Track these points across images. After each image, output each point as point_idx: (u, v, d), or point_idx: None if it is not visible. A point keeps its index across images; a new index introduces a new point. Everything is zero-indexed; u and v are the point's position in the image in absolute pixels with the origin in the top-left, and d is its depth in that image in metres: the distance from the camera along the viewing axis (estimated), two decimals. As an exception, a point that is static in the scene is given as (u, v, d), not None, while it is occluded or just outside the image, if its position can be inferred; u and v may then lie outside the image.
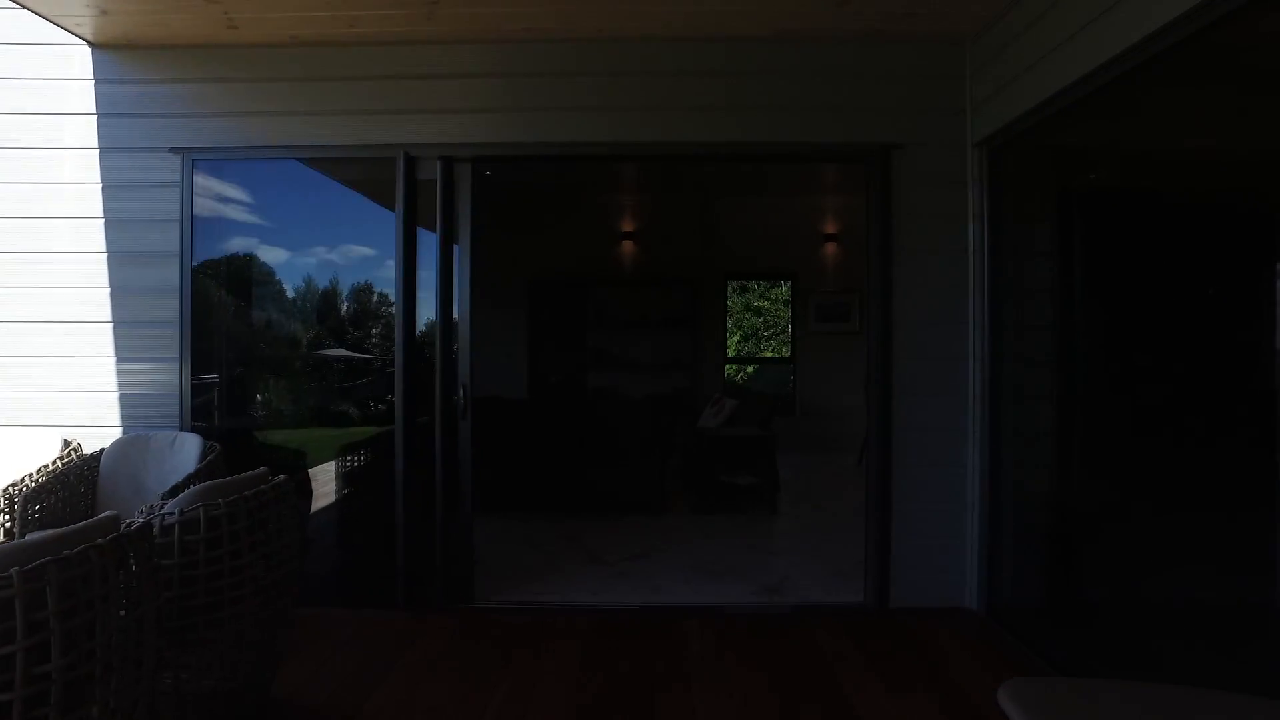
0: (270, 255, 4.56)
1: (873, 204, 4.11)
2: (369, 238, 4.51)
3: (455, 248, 4.15)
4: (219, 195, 4.19)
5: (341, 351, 5.97)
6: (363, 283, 4.89)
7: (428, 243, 4.14)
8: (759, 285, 14.58)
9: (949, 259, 4.05)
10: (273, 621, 2.69)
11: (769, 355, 14.20)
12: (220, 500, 2.42)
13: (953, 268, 4.05)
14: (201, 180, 4.08)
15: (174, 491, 3.27)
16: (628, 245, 10.03)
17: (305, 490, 5.43)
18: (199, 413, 4.46)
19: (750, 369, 13.92)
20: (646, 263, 10.03)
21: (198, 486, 2.50)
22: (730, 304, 14.08)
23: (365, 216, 4.52)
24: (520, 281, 10.03)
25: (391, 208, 4.03)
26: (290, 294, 4.72)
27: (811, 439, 9.94)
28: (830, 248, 10.03)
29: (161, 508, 2.38)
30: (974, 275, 4.00)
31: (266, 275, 4.65)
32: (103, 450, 3.77)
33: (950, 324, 4.05)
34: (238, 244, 4.42)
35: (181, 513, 2.35)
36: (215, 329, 4.53)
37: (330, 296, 4.80)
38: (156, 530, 2.28)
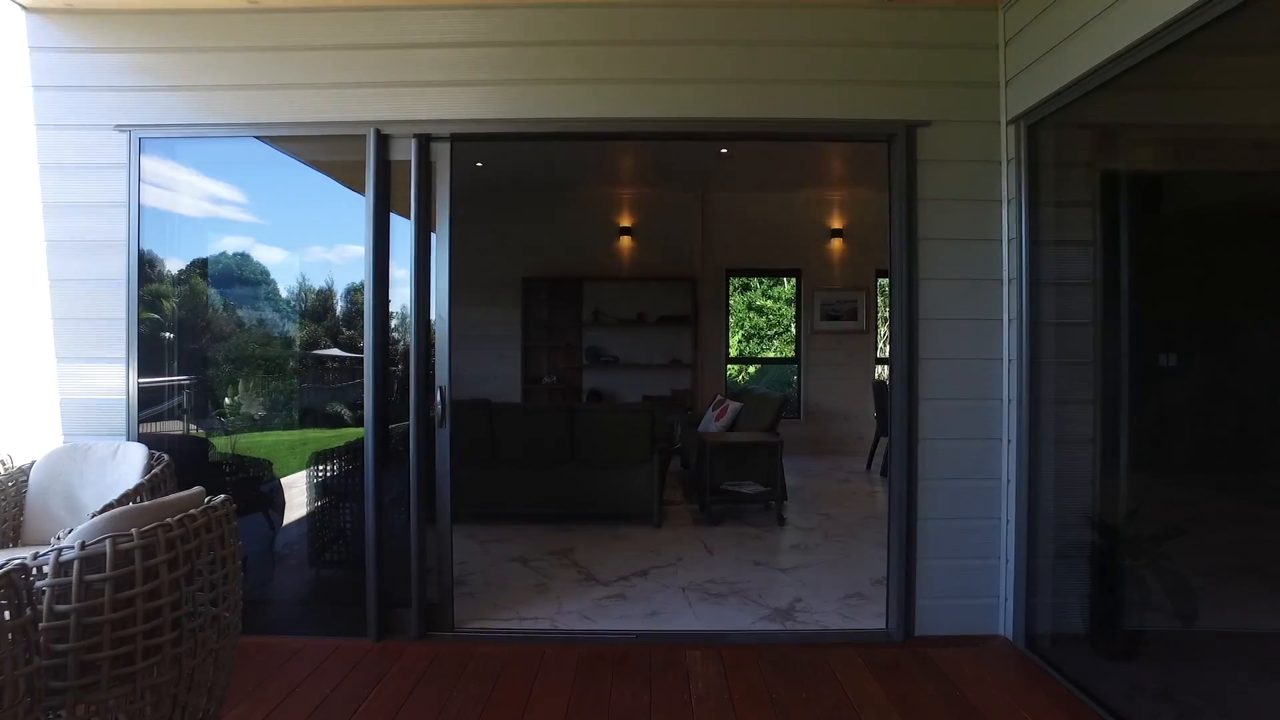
0: (232, 246, 4.16)
1: (896, 188, 3.72)
2: (342, 226, 4.10)
3: (433, 236, 3.74)
4: (171, 180, 3.79)
5: (335, 351, 5.58)
6: (335, 277, 4.50)
7: (405, 232, 3.74)
8: (761, 283, 14.19)
9: (980, 248, 3.66)
10: (205, 669, 2.29)
11: (770, 355, 13.79)
12: (134, 530, 2.02)
13: (985, 258, 3.65)
14: (152, 163, 3.67)
15: (106, 510, 2.87)
16: (625, 240, 9.63)
17: (277, 502, 5.03)
18: (164, 419, 4.08)
19: (753, 369, 13.53)
20: (645, 259, 9.64)
21: (110, 513, 2.09)
22: (731, 303, 13.72)
23: (337, 202, 4.12)
24: (513, 278, 9.63)
25: (363, 192, 3.63)
26: (259, 288, 4.32)
27: (817, 442, 9.55)
28: (836, 244, 9.64)
29: (60, 540, 1.98)
30: (1008, 266, 3.60)
31: (232, 270, 4.25)
32: (33, 462, 3.36)
33: (982, 320, 3.65)
34: (193, 234, 4.02)
35: (83, 546, 1.94)
36: (181, 327, 4.14)
37: (306, 292, 4.40)
38: (49, 569, 1.88)
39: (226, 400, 5.53)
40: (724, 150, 7.65)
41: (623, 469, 5.78)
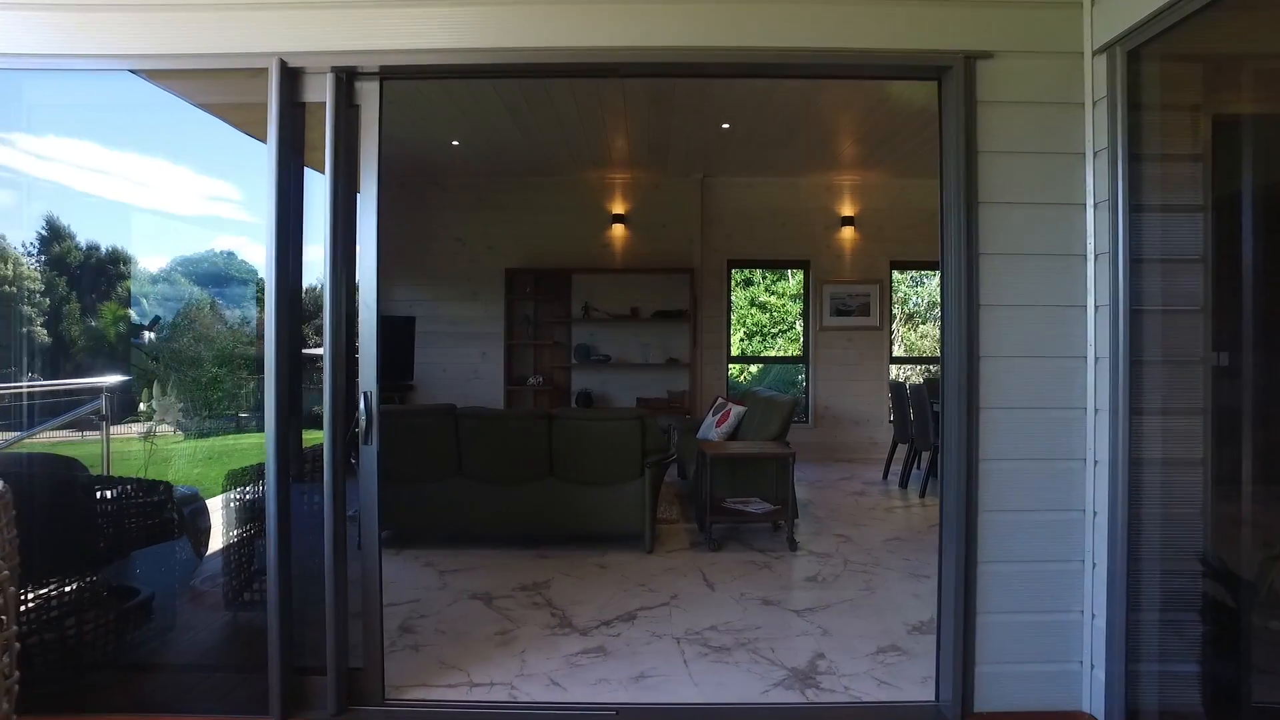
0: (107, 219, 3.35)
1: (949, 138, 2.90)
2: (244, 183, 3.28)
3: (358, 201, 2.93)
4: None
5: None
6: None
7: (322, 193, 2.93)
8: (765, 277, 13.40)
9: (1057, 215, 2.84)
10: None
11: (774, 354, 12.97)
12: None
13: (1062, 227, 2.84)
14: None
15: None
16: (618, 229, 8.82)
17: (197, 527, 4.23)
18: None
19: (755, 369, 12.73)
20: (639, 249, 8.83)
21: None
22: (733, 298, 12.93)
23: (240, 151, 3.29)
24: (495, 270, 8.82)
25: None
26: (148, 268, 3.52)
27: (827, 449, 8.75)
28: (847, 232, 8.83)
29: None
30: (1094, 237, 2.79)
31: (111, 256, 3.45)
32: None
33: (1058, 307, 2.84)
34: (50, 199, 3.21)
35: None
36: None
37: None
38: None
39: (141, 406, 4.72)
40: (726, 125, 6.84)
41: (609, 485, 4.97)
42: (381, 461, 2.92)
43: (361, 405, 2.85)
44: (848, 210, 8.80)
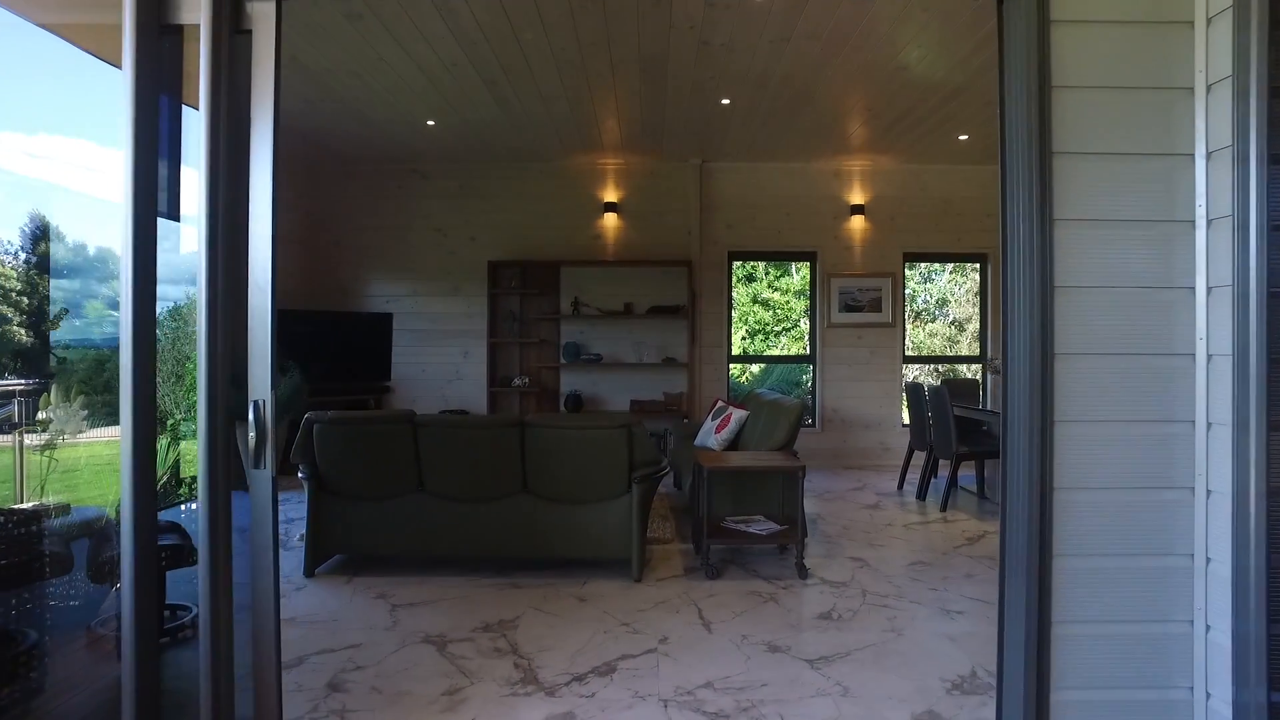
0: None
1: (1012, 69, 2.22)
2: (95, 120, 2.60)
3: (254, 148, 2.25)
4: None
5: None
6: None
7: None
8: (767, 272, 12.74)
9: (1156, 169, 2.17)
10: None
11: (776, 353, 12.29)
12: None
13: (1164, 184, 2.16)
14: None
15: None
16: (610, 219, 8.15)
17: (100, 557, 3.56)
18: None
19: (757, 369, 12.07)
20: (633, 239, 8.15)
21: None
22: (733, 295, 12.28)
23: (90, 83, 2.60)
24: (478, 262, 8.15)
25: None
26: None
27: (836, 454, 8.07)
28: (857, 222, 8.15)
29: None
30: (1209, 197, 2.11)
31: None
32: None
33: (1159, 289, 2.17)
34: None
35: None
36: None
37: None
38: None
39: (40, 414, 4.05)
40: (726, 101, 6.16)
41: (591, 504, 4.30)
42: (276, 489, 2.24)
43: (251, 417, 2.18)
44: (858, 198, 8.11)
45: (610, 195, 8.12)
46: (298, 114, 6.42)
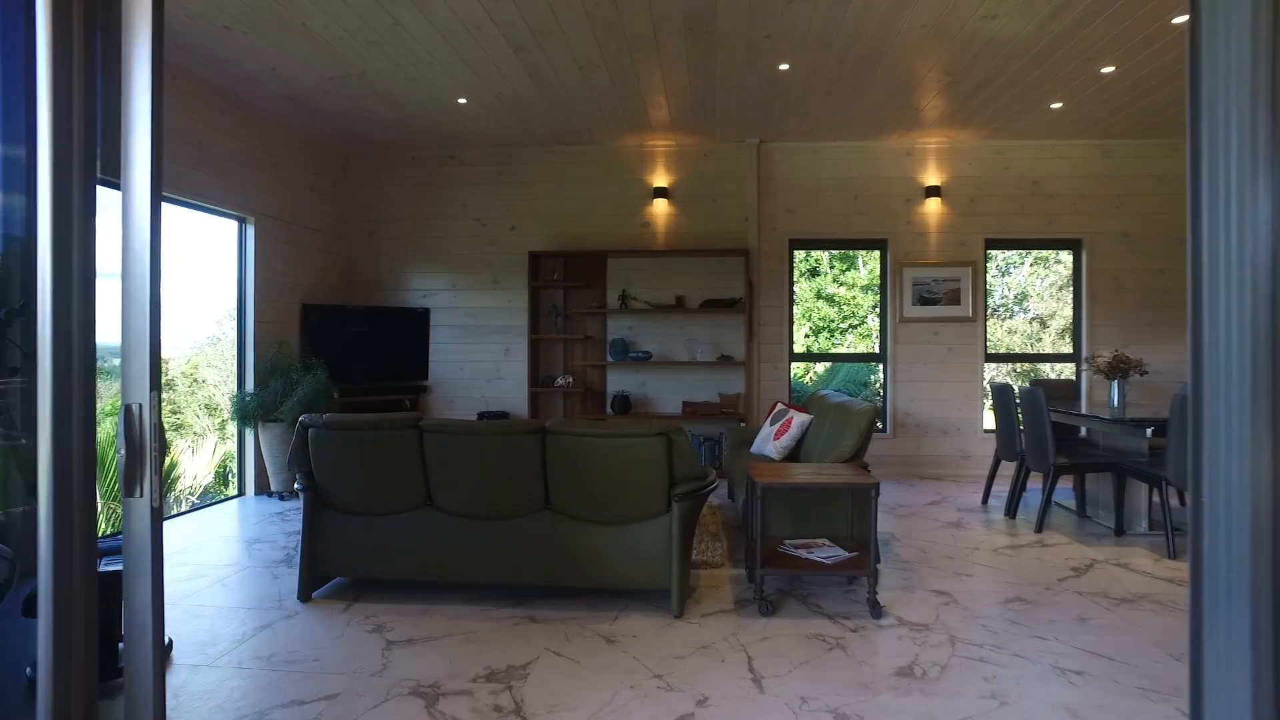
0: None
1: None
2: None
3: (132, 63, 1.66)
4: None
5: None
6: None
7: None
8: (832, 266, 11.90)
9: None
10: None
11: (837, 350, 11.43)
12: None
13: None
14: None
15: None
16: (661, 205, 7.48)
17: None
18: None
19: (821, 369, 11.25)
20: (686, 227, 7.47)
21: None
22: (796, 290, 11.50)
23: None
24: (518, 254, 7.58)
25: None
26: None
27: (909, 463, 7.24)
28: (932, 205, 7.29)
29: None
30: None
31: None
32: None
33: None
34: None
35: None
36: None
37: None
38: None
39: None
40: (784, 66, 5.42)
41: (623, 525, 3.64)
42: (159, 526, 1.64)
43: (121, 428, 1.58)
44: (933, 179, 7.26)
45: (660, 180, 7.45)
46: (321, 96, 5.93)
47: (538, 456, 3.63)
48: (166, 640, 3.22)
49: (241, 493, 6.26)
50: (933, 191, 7.23)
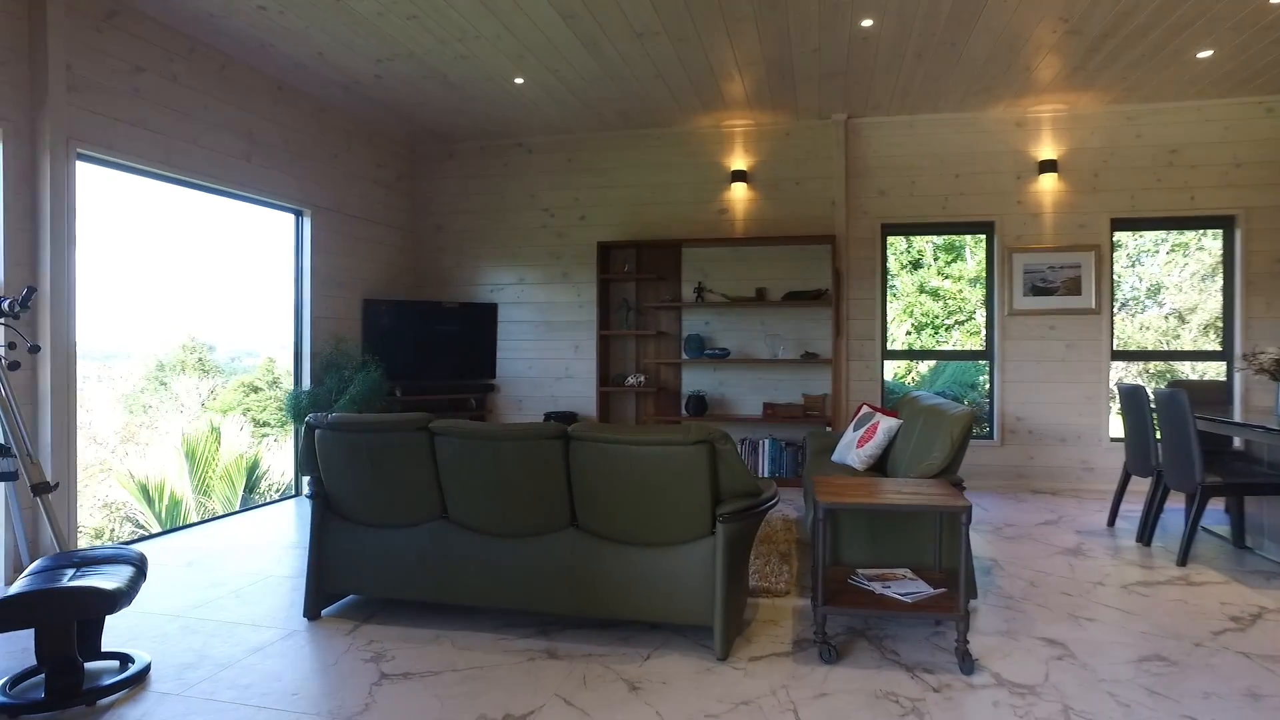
0: None
1: None
2: None
3: None
4: None
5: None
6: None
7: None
8: (938, 257, 10.90)
9: None
10: None
11: (949, 348, 10.40)
12: None
13: None
14: None
15: None
16: (739, 189, 6.85)
17: None
18: None
19: (926, 368, 10.28)
20: (766, 213, 6.81)
21: None
22: (898, 283, 10.58)
23: None
24: (589, 245, 7.11)
25: None
26: None
27: (1019, 474, 6.34)
28: (1048, 182, 6.37)
29: None
30: None
31: None
32: None
33: None
34: None
35: None
36: None
37: None
38: None
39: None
40: (868, 22, 4.70)
41: (660, 547, 3.06)
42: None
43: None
44: (1048, 152, 6.30)
45: (739, 162, 6.80)
46: (373, 82, 5.62)
47: (561, 466, 3.10)
48: (144, 663, 2.88)
49: (297, 493, 6.04)
50: (1048, 166, 6.27)
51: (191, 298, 5.67)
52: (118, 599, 2.60)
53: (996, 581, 3.86)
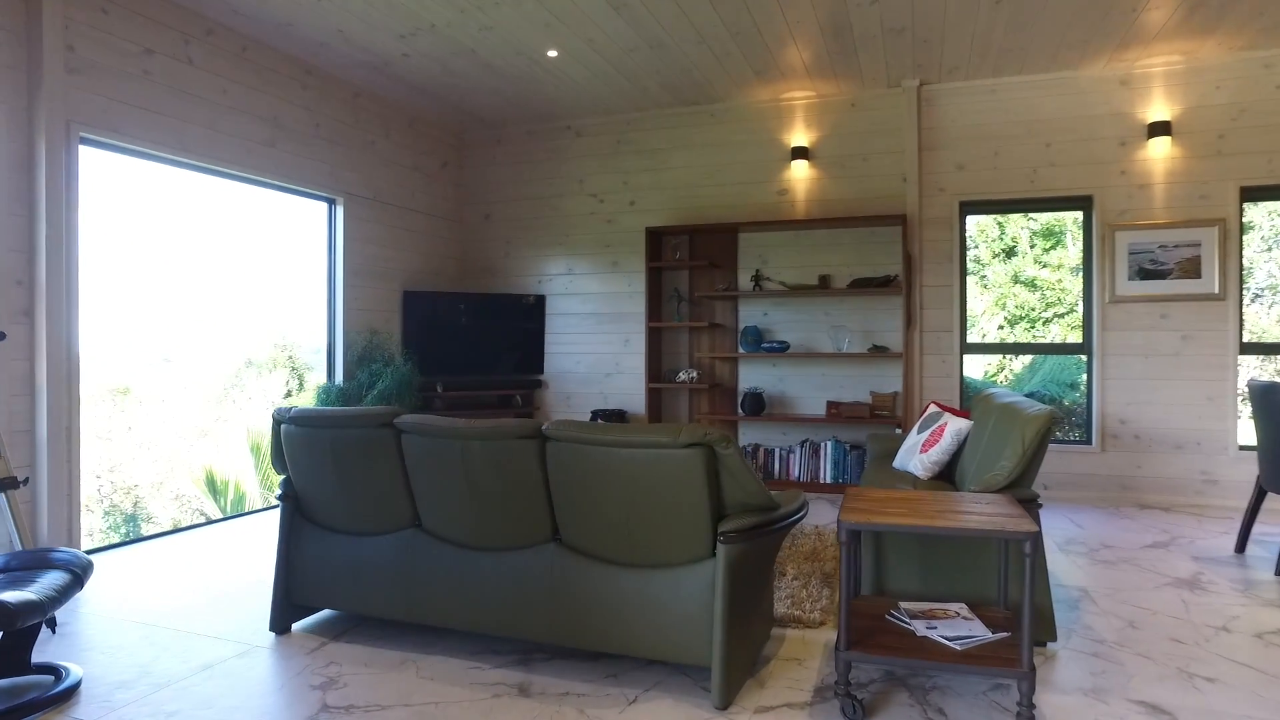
0: None
1: None
2: None
3: None
4: None
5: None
6: None
7: None
8: (1034, 244, 9.89)
9: None
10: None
11: (1040, 342, 9.34)
12: None
13: None
14: None
15: None
16: (800, 168, 6.21)
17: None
18: None
19: (1020, 364, 9.27)
20: (830, 193, 6.14)
21: None
22: (989, 273, 9.63)
23: None
24: (639, 231, 6.61)
25: None
26: None
27: (1124, 486, 5.45)
28: (1158, 147, 5.44)
29: None
30: None
31: None
32: None
33: None
34: None
35: None
36: None
37: None
38: None
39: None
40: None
41: (651, 569, 2.53)
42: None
43: None
44: (1160, 112, 5.37)
45: (799, 138, 6.15)
46: (400, 60, 5.28)
47: (538, 470, 2.60)
48: (74, 678, 2.56)
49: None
50: (1159, 129, 5.34)
51: (227, 290, 5.48)
52: (17, 615, 2.27)
53: (1085, 619, 3.13)
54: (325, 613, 3.22)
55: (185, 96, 4.49)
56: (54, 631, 3.01)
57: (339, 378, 5.59)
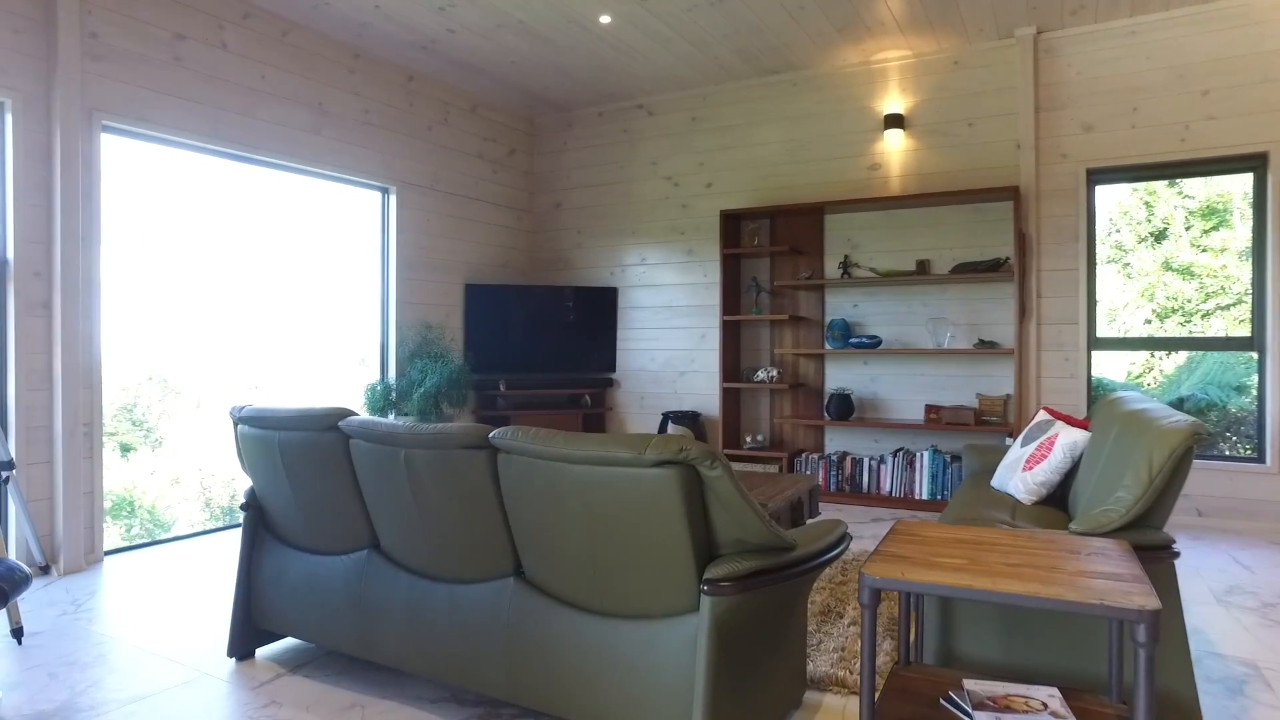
0: None
1: None
2: None
3: None
4: None
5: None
6: None
7: None
8: (1189, 224, 8.44)
9: None
10: None
11: (1200, 336, 7.90)
12: None
13: None
14: None
15: None
16: (894, 139, 5.37)
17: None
18: None
19: (1175, 366, 7.89)
20: (929, 165, 5.28)
21: None
22: (1133, 258, 8.29)
23: None
24: (714, 216, 5.98)
25: None
26: None
27: (1305, 516, 4.30)
28: (1360, 91, 4.24)
29: None
30: None
31: None
32: None
33: None
34: None
35: None
36: None
37: None
38: None
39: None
40: None
41: (627, 619, 1.93)
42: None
43: None
44: (1361, 48, 4.20)
45: (893, 105, 5.32)
46: (448, 39, 4.90)
47: (490, 486, 2.07)
48: (-9, 707, 2.25)
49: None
50: (1360, 68, 4.17)
51: (283, 283, 5.28)
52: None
53: (1251, 710, 2.25)
54: (289, 642, 2.82)
55: (219, 83, 4.27)
56: (20, 643, 2.77)
57: (391, 374, 5.29)
